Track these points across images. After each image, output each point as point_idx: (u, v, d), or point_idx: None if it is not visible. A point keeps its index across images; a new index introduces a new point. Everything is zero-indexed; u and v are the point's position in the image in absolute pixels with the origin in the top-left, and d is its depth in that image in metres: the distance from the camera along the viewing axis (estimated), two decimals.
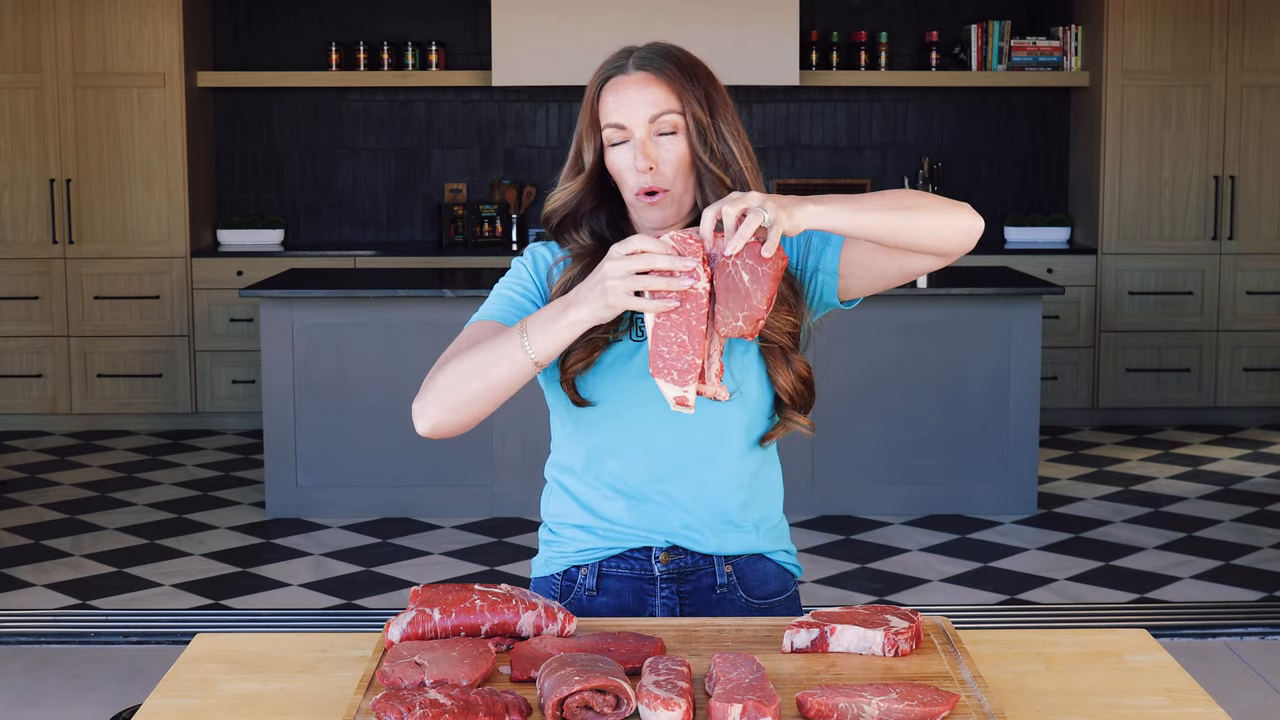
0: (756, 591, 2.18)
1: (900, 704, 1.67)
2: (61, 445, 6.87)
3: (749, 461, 2.15)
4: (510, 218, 7.35)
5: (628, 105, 2.06)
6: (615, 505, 2.14)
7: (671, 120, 2.06)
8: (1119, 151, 7.03)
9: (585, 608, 2.16)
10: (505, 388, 1.99)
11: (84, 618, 4.55)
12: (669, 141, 2.07)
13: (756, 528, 2.17)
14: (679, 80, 2.07)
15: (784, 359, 2.11)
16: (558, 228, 2.16)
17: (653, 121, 2.06)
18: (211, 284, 7.03)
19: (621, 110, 2.07)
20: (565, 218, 2.14)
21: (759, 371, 2.11)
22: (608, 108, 2.08)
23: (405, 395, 5.59)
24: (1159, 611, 4.59)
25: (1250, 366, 7.12)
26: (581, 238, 2.15)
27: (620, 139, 2.08)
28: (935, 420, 5.60)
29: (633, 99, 2.06)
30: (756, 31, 6.93)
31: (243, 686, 1.85)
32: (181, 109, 6.96)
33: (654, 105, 2.06)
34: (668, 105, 2.06)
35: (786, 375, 2.11)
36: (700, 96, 2.07)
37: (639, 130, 2.06)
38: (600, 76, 2.11)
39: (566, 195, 2.13)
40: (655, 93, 2.06)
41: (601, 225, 2.16)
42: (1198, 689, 1.84)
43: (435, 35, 7.41)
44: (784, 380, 2.11)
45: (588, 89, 2.13)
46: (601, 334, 2.08)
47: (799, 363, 2.12)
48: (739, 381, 2.09)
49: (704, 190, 2.09)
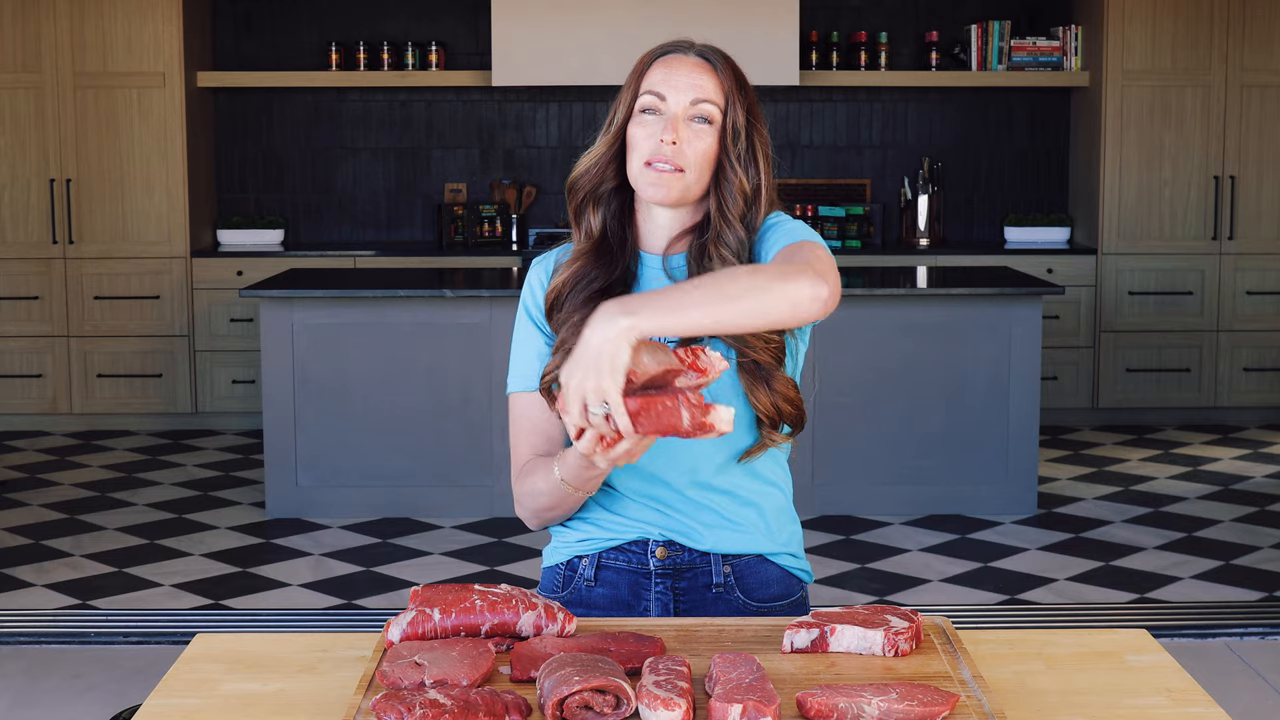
0: (756, 594, 2.17)
1: (900, 704, 1.67)
2: (61, 445, 6.87)
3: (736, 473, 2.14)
4: (510, 218, 7.35)
5: (675, 79, 2.07)
6: (615, 499, 2.16)
7: (711, 110, 2.07)
8: (1119, 151, 7.03)
9: (584, 598, 2.18)
10: (579, 505, 2.11)
11: (84, 618, 4.55)
12: (701, 129, 2.07)
13: (755, 528, 2.17)
14: (731, 82, 2.09)
15: (763, 379, 2.06)
16: (580, 203, 2.16)
17: (693, 104, 2.06)
18: (211, 284, 7.03)
19: (668, 82, 2.07)
20: (587, 193, 2.14)
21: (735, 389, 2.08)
22: (654, 77, 2.09)
23: (405, 395, 5.63)
24: (1159, 611, 4.59)
25: (1250, 366, 7.12)
26: (594, 221, 2.15)
27: (653, 107, 2.08)
28: (935, 420, 5.60)
29: (682, 77, 2.07)
30: (756, 31, 6.93)
31: (243, 686, 1.85)
32: (181, 109, 6.96)
33: (700, 90, 2.07)
34: (714, 96, 2.07)
35: (764, 395, 2.06)
36: (744, 104, 2.09)
37: (677, 106, 2.06)
38: (655, 53, 2.12)
39: (591, 160, 2.13)
40: (706, 80, 2.08)
41: (611, 214, 2.15)
42: (1198, 689, 1.84)
43: (435, 35, 7.41)
44: (762, 401, 2.07)
45: (637, 64, 2.13)
46: None
47: (782, 381, 2.08)
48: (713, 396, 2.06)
49: (721, 192, 2.09)
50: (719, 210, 2.09)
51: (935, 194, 7.29)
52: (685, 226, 2.15)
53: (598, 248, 2.14)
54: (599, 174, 2.13)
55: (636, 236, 2.18)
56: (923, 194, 7.28)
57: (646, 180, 2.08)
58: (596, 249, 2.14)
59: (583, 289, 2.12)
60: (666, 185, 2.07)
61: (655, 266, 2.16)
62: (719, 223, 2.09)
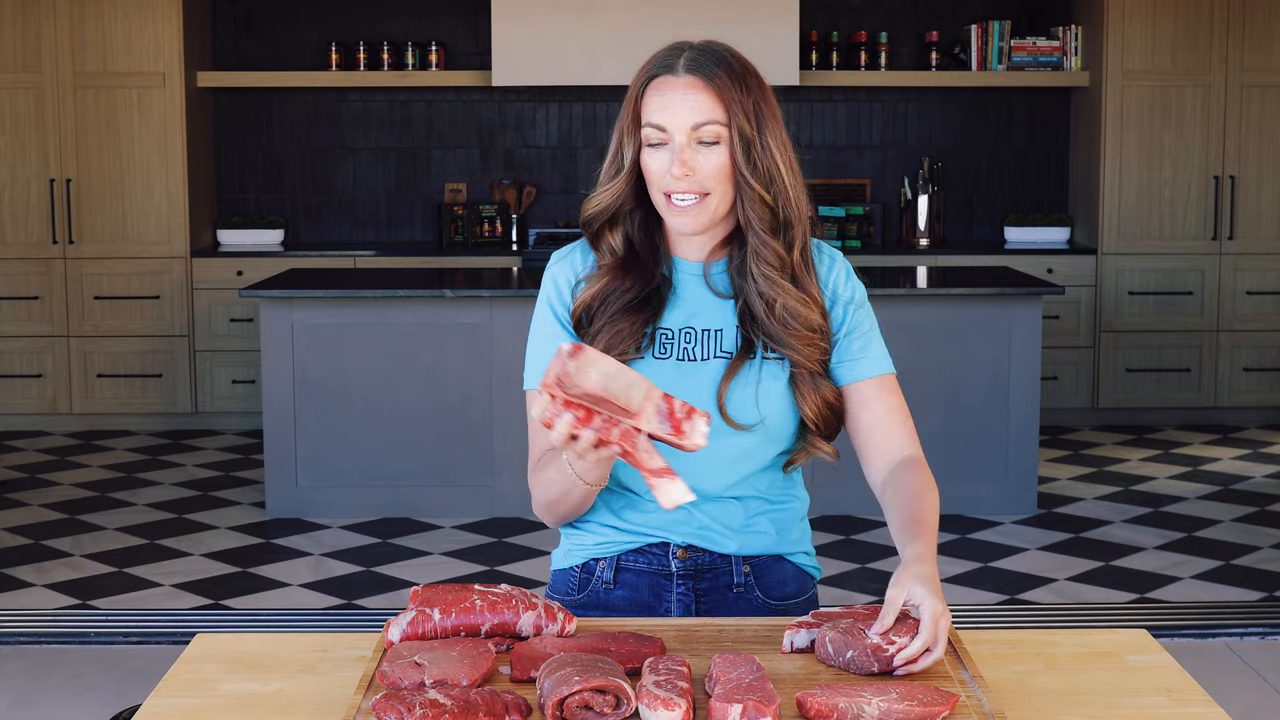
0: (774, 593, 2.17)
1: (900, 704, 1.67)
2: (61, 445, 6.87)
3: (766, 479, 2.14)
4: (510, 218, 7.35)
5: (671, 108, 2.00)
6: (634, 504, 2.14)
7: (715, 131, 2.00)
8: (1119, 151, 7.03)
9: (603, 600, 2.16)
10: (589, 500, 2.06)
11: (84, 618, 4.55)
12: (710, 151, 2.01)
13: (777, 529, 2.17)
14: (728, 89, 2.00)
15: (813, 385, 2.08)
16: (596, 231, 2.12)
17: (695, 129, 2.00)
18: (211, 284, 7.03)
19: (664, 112, 2.01)
20: (604, 222, 2.10)
21: (787, 397, 2.08)
22: (651, 107, 2.02)
23: (405, 395, 5.62)
24: (1159, 611, 4.59)
25: (1250, 366, 7.12)
26: (615, 241, 2.10)
27: (659, 140, 2.02)
28: (935, 420, 5.60)
29: (677, 103, 2.00)
30: (756, 32, 6.93)
31: (243, 686, 1.85)
32: (181, 109, 6.96)
33: (698, 113, 1.99)
34: (712, 115, 1.99)
35: (814, 402, 2.08)
36: (749, 108, 2.01)
37: (679, 135, 2.00)
38: (647, 73, 2.05)
39: (608, 198, 2.08)
40: (701, 99, 2.00)
41: (634, 227, 2.11)
42: (1198, 689, 1.84)
43: (435, 35, 7.41)
44: (810, 407, 2.08)
45: (632, 84, 2.06)
46: (619, 353, 2.05)
47: (827, 389, 2.09)
48: (763, 413, 2.06)
49: (743, 203, 2.04)
50: (747, 223, 2.05)
51: (935, 194, 7.29)
52: (721, 237, 2.11)
53: (624, 262, 2.10)
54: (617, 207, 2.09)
55: (669, 243, 2.14)
56: (923, 194, 7.28)
57: (672, 214, 2.04)
58: (623, 263, 2.10)
59: (616, 300, 2.08)
60: (693, 217, 2.03)
61: (695, 274, 2.12)
62: (751, 237, 2.05)
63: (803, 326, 2.05)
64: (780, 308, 2.05)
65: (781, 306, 2.05)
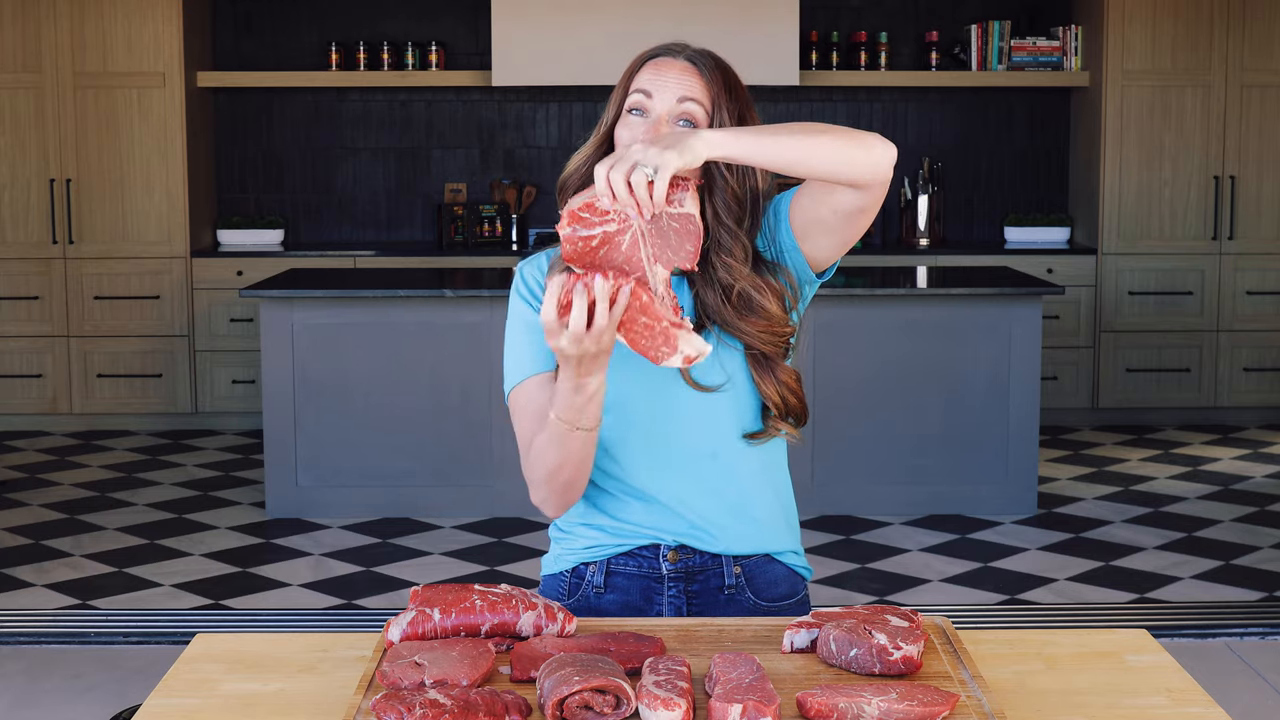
0: (765, 594, 2.18)
1: (900, 704, 1.67)
2: (61, 445, 6.87)
3: (749, 458, 2.14)
4: (510, 218, 7.35)
5: (662, 79, 2.06)
6: (623, 504, 2.14)
7: (695, 110, 2.05)
8: (1119, 151, 7.03)
9: (593, 605, 2.16)
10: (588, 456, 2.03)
11: (84, 618, 4.55)
12: None
13: (765, 527, 2.17)
14: (719, 87, 2.06)
15: (769, 368, 2.08)
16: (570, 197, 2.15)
17: (680, 101, 2.05)
18: (211, 284, 7.03)
19: (655, 81, 2.06)
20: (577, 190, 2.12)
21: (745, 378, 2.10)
22: (643, 77, 2.08)
23: (405, 395, 5.62)
24: (1159, 611, 4.59)
25: (1250, 366, 7.12)
26: None
27: (640, 106, 2.06)
28: (935, 420, 5.60)
29: (670, 78, 2.06)
30: (756, 31, 6.93)
31: (243, 686, 1.85)
32: (181, 109, 6.96)
33: (687, 90, 2.05)
34: (699, 97, 2.05)
35: (772, 385, 2.08)
36: (733, 111, 2.06)
37: (662, 105, 2.05)
38: (647, 55, 2.11)
39: (581, 159, 2.12)
40: (693, 83, 2.06)
41: None
42: (1198, 689, 1.84)
43: (435, 35, 7.41)
44: (769, 390, 2.09)
45: (629, 65, 2.12)
46: None
47: (785, 372, 2.10)
48: (729, 373, 2.08)
49: (713, 198, 2.05)
50: (714, 215, 2.06)
51: (935, 194, 7.29)
52: None
53: None
54: (589, 172, 2.11)
55: None
56: (923, 194, 7.28)
57: None
58: None
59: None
60: None
61: None
62: (717, 228, 2.06)
63: (760, 315, 2.06)
64: (737, 294, 2.06)
65: (738, 293, 2.06)
